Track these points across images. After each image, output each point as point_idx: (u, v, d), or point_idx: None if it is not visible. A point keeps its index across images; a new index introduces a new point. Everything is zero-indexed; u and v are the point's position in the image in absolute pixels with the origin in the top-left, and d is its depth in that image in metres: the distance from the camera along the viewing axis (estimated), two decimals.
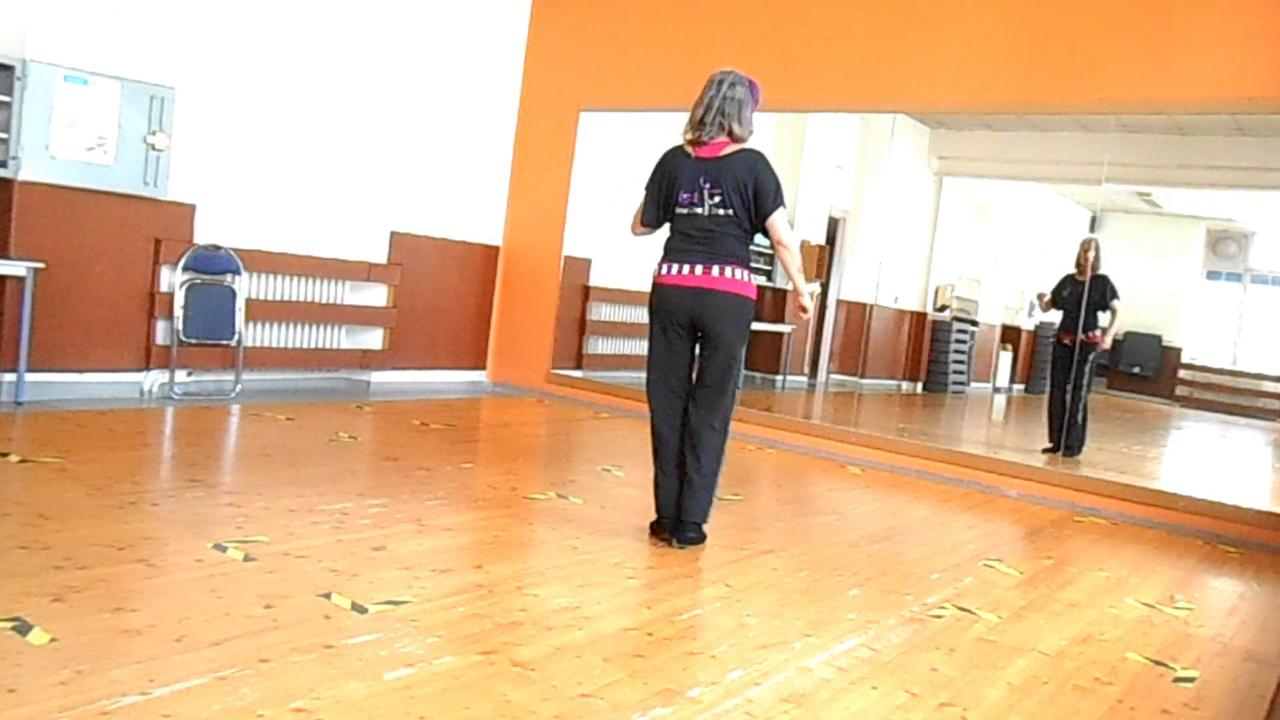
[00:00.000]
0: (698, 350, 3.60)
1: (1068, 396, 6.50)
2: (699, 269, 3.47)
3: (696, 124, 3.51)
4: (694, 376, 3.63)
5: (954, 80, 5.83)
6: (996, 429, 8.66)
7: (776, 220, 3.47)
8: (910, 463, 5.80)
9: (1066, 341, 6.61)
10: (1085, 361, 6.55)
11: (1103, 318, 6.54)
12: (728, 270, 3.46)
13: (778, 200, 3.46)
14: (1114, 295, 6.55)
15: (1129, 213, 9.19)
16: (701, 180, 3.47)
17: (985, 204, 9.09)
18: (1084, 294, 6.52)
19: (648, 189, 3.66)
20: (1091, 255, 6.58)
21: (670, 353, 3.60)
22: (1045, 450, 6.51)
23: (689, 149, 3.54)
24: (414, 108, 6.73)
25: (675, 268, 3.51)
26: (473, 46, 7.13)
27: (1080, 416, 6.50)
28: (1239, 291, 9.18)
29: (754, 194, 3.43)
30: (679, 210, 3.53)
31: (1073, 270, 6.69)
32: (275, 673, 2.15)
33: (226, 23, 5.61)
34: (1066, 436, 6.49)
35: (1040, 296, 7.10)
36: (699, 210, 3.48)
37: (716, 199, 3.45)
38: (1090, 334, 6.51)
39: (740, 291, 3.49)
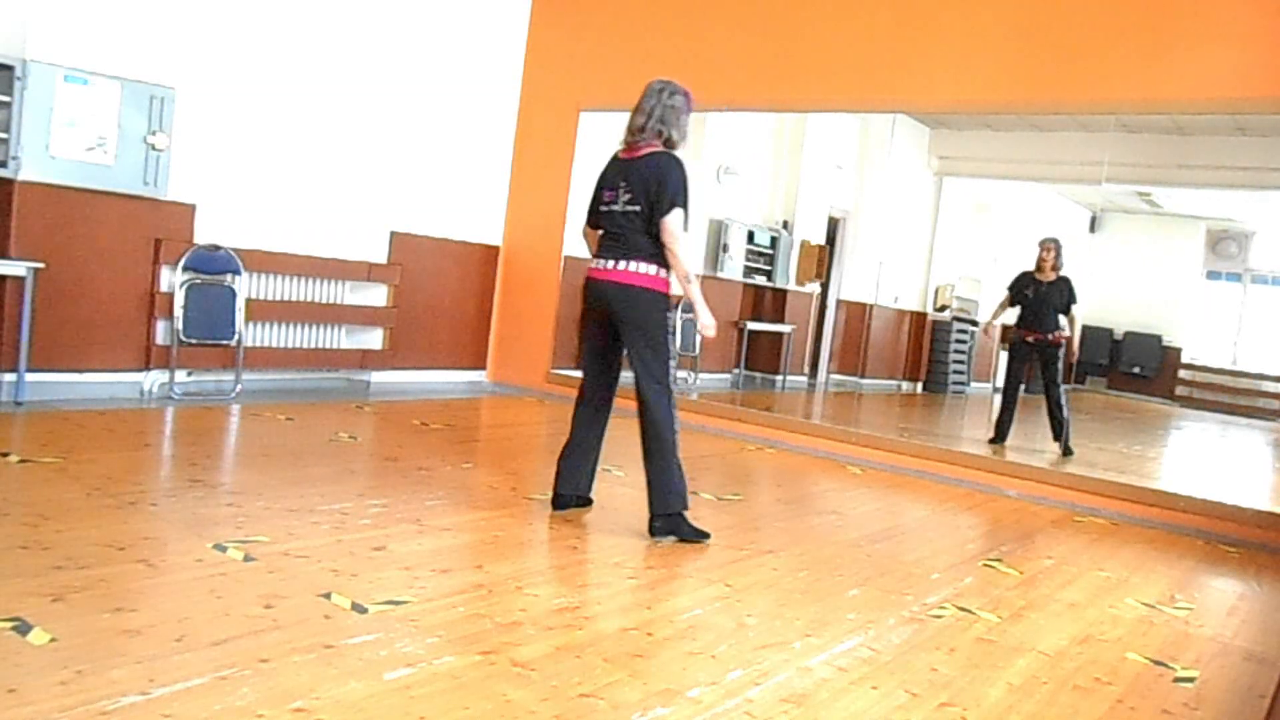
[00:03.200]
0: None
1: (1022, 392, 6.69)
2: (610, 263, 3.67)
3: (636, 130, 3.68)
4: (617, 368, 3.85)
5: (954, 80, 5.83)
6: None
7: (668, 220, 3.56)
8: (910, 463, 5.80)
9: (1030, 340, 6.74)
10: (1055, 359, 6.69)
11: (1063, 320, 6.69)
12: (633, 264, 3.63)
13: (675, 202, 3.56)
14: (1074, 300, 6.69)
15: (1129, 213, 9.18)
16: (619, 180, 3.67)
17: (985, 204, 9.09)
18: (1047, 294, 6.66)
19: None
20: (1051, 256, 6.71)
21: (591, 341, 3.82)
22: (991, 441, 6.67)
23: (621, 152, 3.73)
24: (414, 108, 6.73)
25: (597, 262, 3.73)
26: (473, 46, 7.13)
27: (1063, 413, 6.61)
28: (1239, 291, 9.18)
29: (657, 193, 3.56)
30: (601, 209, 3.74)
31: (1030, 269, 6.81)
32: (275, 673, 2.15)
33: (226, 23, 5.61)
34: (1056, 435, 6.62)
35: (988, 328, 7.27)
36: (615, 208, 3.68)
37: (627, 197, 3.63)
38: (1054, 334, 6.63)
39: (644, 285, 3.63)
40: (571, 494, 3.91)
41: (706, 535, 3.71)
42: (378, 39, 6.47)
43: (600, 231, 3.76)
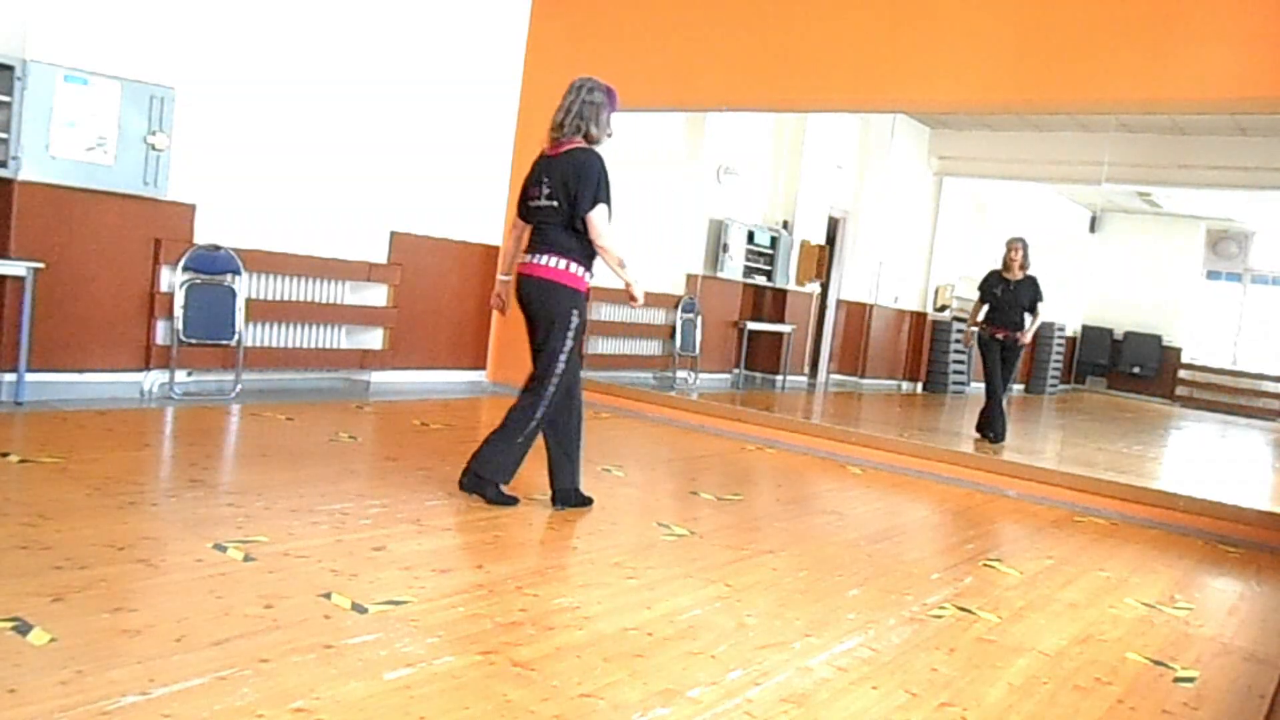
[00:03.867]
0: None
1: (998, 388, 6.88)
2: (531, 257, 3.82)
3: (556, 126, 3.80)
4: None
5: (954, 80, 5.83)
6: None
7: (592, 217, 3.69)
8: (910, 463, 5.80)
9: (1000, 337, 6.91)
10: (1017, 357, 6.91)
11: (1028, 317, 6.90)
12: (546, 258, 3.76)
13: (598, 198, 3.69)
14: (1040, 298, 6.88)
15: (1129, 213, 9.19)
16: (542, 176, 3.80)
17: (985, 204, 9.09)
18: (1015, 293, 6.84)
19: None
20: (1019, 255, 6.89)
21: (531, 336, 3.93)
22: (978, 439, 6.80)
23: (546, 150, 3.84)
24: (414, 108, 6.73)
25: (525, 256, 3.87)
26: (473, 46, 7.13)
27: (1003, 406, 6.86)
28: (1239, 291, 9.19)
29: (576, 190, 3.68)
30: (529, 204, 3.87)
31: (999, 268, 6.96)
32: (275, 673, 2.15)
33: (226, 23, 5.61)
34: (994, 425, 6.82)
35: (969, 335, 7.46)
36: (540, 203, 3.80)
37: (547, 192, 3.76)
38: (1020, 333, 6.86)
39: (554, 278, 3.75)
40: (571, 488, 3.96)
41: (515, 501, 3.90)
42: (378, 39, 6.47)
43: (529, 227, 3.91)
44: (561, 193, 3.70)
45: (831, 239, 9.14)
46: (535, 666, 2.35)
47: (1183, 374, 9.13)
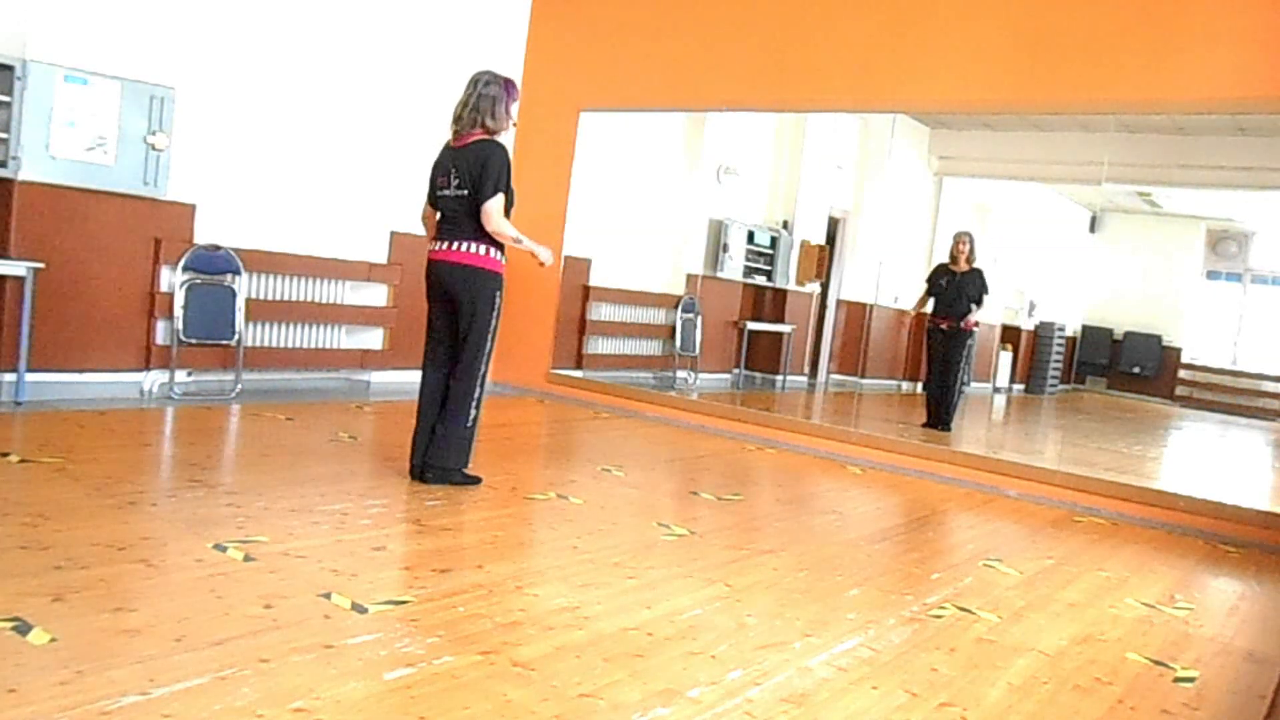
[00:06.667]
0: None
1: (946, 376, 7.04)
2: (447, 245, 3.99)
3: (456, 119, 4.00)
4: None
5: (954, 80, 5.83)
6: (996, 429, 8.66)
7: (487, 207, 3.88)
8: (910, 463, 5.80)
9: (944, 327, 7.09)
10: (962, 345, 7.06)
11: (974, 308, 7.07)
12: (465, 245, 3.95)
13: (497, 189, 3.86)
14: (986, 290, 7.06)
15: (1129, 213, 9.18)
16: (450, 166, 3.96)
17: (985, 204, 9.08)
18: (960, 285, 7.02)
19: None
20: (965, 248, 7.07)
21: (436, 319, 4.10)
22: (924, 426, 6.90)
23: (451, 141, 4.03)
24: (414, 108, 6.72)
25: (436, 244, 4.04)
26: (473, 47, 7.13)
27: (955, 394, 6.99)
28: (1239, 291, 9.18)
29: (480, 179, 3.86)
30: (438, 193, 4.03)
31: (946, 261, 7.14)
32: (275, 673, 2.15)
33: (226, 23, 5.61)
34: (938, 412, 6.96)
35: (909, 318, 7.69)
36: (447, 193, 3.97)
37: (457, 182, 3.93)
38: (965, 322, 7.01)
39: (476, 264, 3.96)
40: (420, 463, 4.12)
41: (478, 480, 4.13)
42: (377, 39, 6.46)
43: (439, 215, 4.04)
44: (470, 183, 3.88)
45: (831, 239, 9.13)
46: (535, 666, 2.35)
47: (1183, 374, 9.13)
